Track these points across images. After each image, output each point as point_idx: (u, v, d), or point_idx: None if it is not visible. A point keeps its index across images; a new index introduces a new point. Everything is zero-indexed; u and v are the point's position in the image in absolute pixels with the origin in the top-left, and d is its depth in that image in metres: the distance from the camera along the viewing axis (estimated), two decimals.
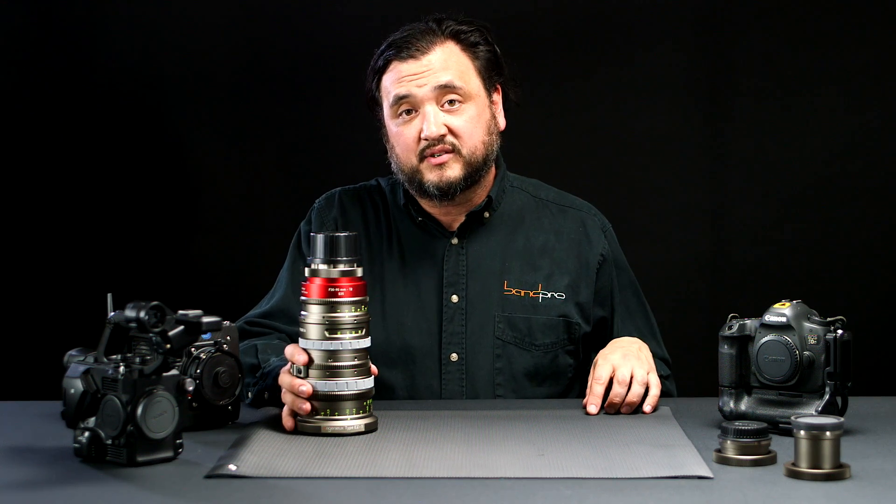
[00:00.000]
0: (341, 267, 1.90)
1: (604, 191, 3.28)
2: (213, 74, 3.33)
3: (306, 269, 1.93)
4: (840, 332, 1.87)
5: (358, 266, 1.92)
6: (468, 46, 2.28)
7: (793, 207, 3.30)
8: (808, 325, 1.90)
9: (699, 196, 3.33)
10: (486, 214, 2.33)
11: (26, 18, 3.32)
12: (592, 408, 2.04)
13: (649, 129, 3.32)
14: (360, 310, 1.91)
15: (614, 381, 2.05)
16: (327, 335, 1.89)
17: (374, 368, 1.95)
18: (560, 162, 3.29)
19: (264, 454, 1.75)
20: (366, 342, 1.92)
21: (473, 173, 2.26)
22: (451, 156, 2.24)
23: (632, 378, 2.05)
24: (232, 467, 1.67)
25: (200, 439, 1.86)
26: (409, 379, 2.28)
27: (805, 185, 3.29)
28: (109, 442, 1.71)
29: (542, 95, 3.27)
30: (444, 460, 1.73)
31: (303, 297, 1.92)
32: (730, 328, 1.95)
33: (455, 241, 2.32)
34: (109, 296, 1.82)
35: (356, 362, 1.91)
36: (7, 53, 3.32)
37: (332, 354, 1.90)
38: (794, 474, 1.62)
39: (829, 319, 1.90)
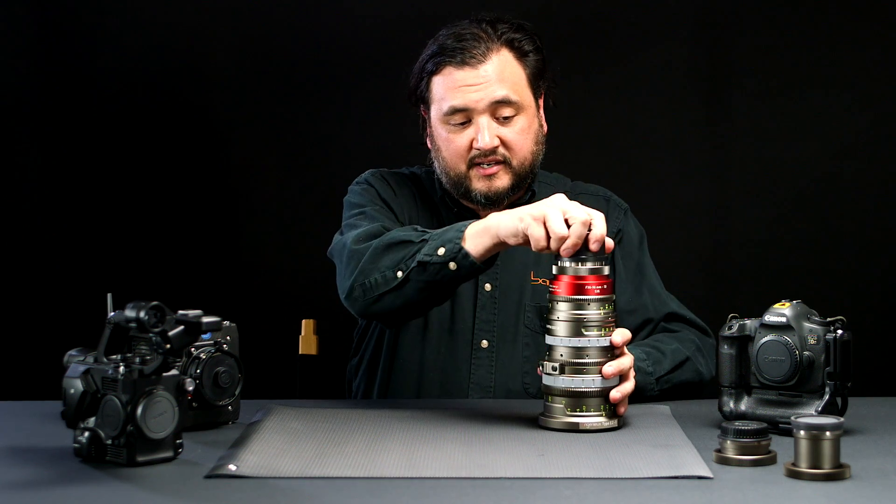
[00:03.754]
0: (589, 265, 1.92)
1: None
2: (215, 74, 3.33)
3: (553, 267, 1.93)
4: (840, 332, 1.87)
5: (605, 265, 1.93)
6: (521, 55, 2.29)
7: (793, 207, 3.30)
8: (808, 325, 1.90)
9: (699, 196, 3.34)
10: None
11: (31, 18, 3.32)
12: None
13: (649, 129, 3.32)
14: (607, 308, 1.93)
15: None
16: (575, 332, 1.92)
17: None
18: (560, 161, 3.28)
19: (264, 454, 1.75)
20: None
21: (520, 182, 2.31)
22: (500, 167, 2.27)
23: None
24: (232, 467, 1.67)
25: (200, 439, 1.86)
26: (440, 362, 2.30)
27: (805, 185, 3.30)
28: (109, 442, 1.71)
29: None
30: (444, 460, 1.73)
31: (551, 294, 1.94)
32: (730, 328, 1.95)
33: None
34: (109, 296, 1.82)
35: (602, 359, 1.92)
36: (12, 52, 3.31)
37: (579, 352, 1.91)
38: (794, 474, 1.62)
39: (829, 319, 1.90)
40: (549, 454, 1.76)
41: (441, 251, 2.00)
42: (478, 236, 1.98)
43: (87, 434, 1.71)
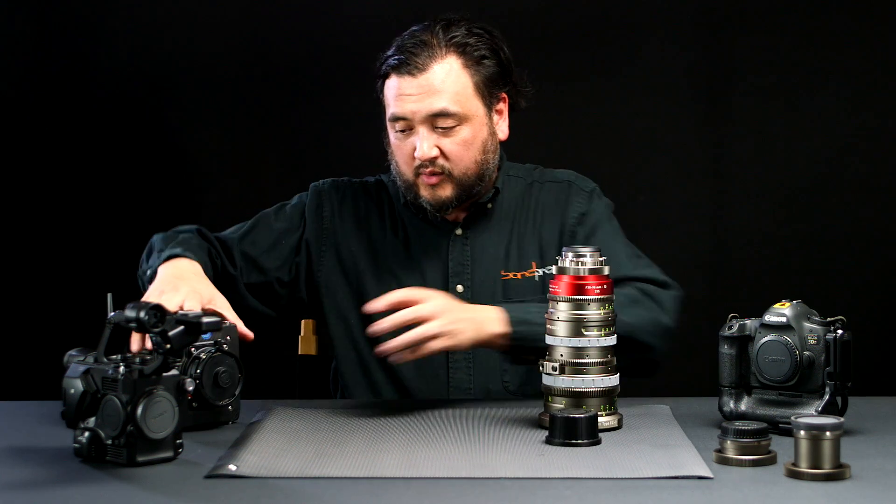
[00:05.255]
0: (589, 265, 1.92)
1: (604, 190, 3.28)
2: (214, 74, 3.34)
3: (553, 267, 1.95)
4: (840, 332, 1.87)
5: (605, 265, 1.93)
6: (472, 61, 2.25)
7: (793, 207, 3.30)
8: (808, 325, 1.90)
9: (699, 196, 3.34)
10: (489, 206, 2.35)
11: (27, 18, 3.32)
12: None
13: (649, 129, 3.32)
14: (607, 308, 1.92)
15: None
16: (575, 332, 1.91)
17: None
18: (560, 162, 3.28)
19: (264, 454, 1.75)
20: (611, 340, 1.93)
21: (466, 191, 2.28)
22: (441, 177, 2.25)
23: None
24: (232, 467, 1.67)
25: (200, 439, 1.86)
26: (416, 368, 2.28)
27: (805, 184, 3.30)
28: (109, 442, 1.71)
29: (542, 95, 3.27)
30: (444, 460, 1.73)
31: (550, 294, 1.94)
32: (730, 328, 1.95)
33: (459, 231, 2.34)
34: (109, 296, 1.82)
35: (602, 360, 1.92)
36: (7, 53, 3.32)
37: (579, 352, 1.91)
38: (794, 474, 1.62)
39: (829, 319, 1.90)
40: (549, 454, 1.76)
41: None
42: None
43: (87, 434, 1.71)
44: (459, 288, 2.31)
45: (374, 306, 2.01)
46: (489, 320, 2.07)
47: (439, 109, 2.21)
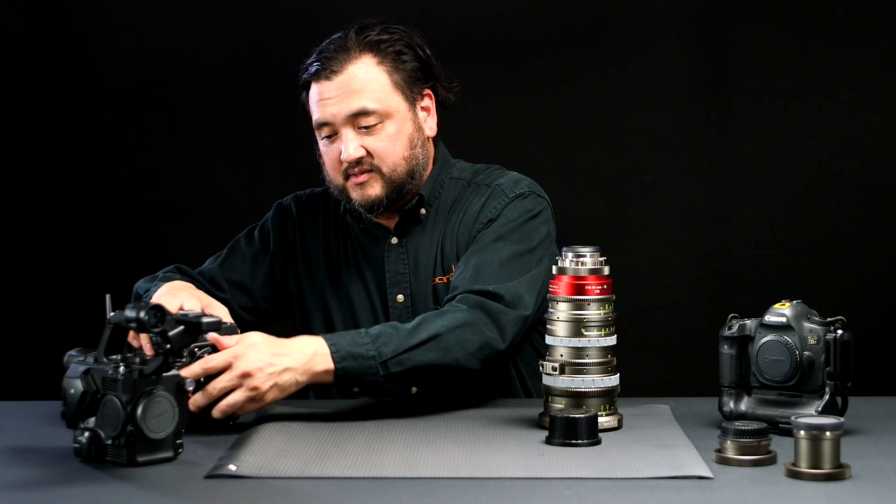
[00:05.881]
0: (589, 265, 1.92)
1: (604, 191, 3.28)
2: (214, 75, 3.34)
3: (553, 267, 1.94)
4: (840, 332, 1.87)
5: (605, 264, 1.93)
6: (387, 58, 2.24)
7: (793, 207, 3.30)
8: (808, 325, 1.90)
9: (699, 196, 3.34)
10: (423, 211, 2.33)
11: (27, 18, 3.32)
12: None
13: (649, 129, 3.32)
14: (607, 308, 1.92)
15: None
16: (575, 333, 1.91)
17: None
18: (561, 162, 3.29)
19: (264, 454, 1.75)
20: (612, 340, 1.93)
21: (397, 189, 2.26)
22: (370, 175, 2.24)
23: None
24: (232, 467, 1.67)
25: (200, 439, 1.86)
26: None
27: (805, 185, 3.30)
28: (109, 442, 1.71)
29: (542, 95, 3.28)
30: (444, 460, 1.73)
31: (550, 294, 1.93)
32: (730, 328, 1.95)
33: (395, 240, 2.32)
34: (108, 296, 1.82)
35: (602, 360, 1.92)
36: (7, 53, 3.32)
37: (579, 352, 1.91)
38: (794, 474, 1.62)
39: (829, 319, 1.90)
40: (549, 454, 1.76)
41: None
42: None
43: (87, 434, 1.71)
44: (400, 298, 2.30)
45: (187, 371, 1.91)
46: (315, 357, 1.98)
47: (358, 108, 2.22)
